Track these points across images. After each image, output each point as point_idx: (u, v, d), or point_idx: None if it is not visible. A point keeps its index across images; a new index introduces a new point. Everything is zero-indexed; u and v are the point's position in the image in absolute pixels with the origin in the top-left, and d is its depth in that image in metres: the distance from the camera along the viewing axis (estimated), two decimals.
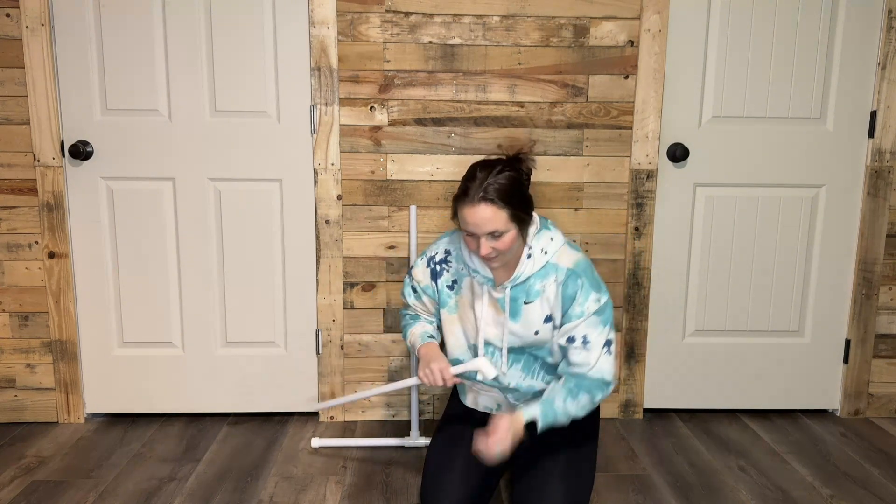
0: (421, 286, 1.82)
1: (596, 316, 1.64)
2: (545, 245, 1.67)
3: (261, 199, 2.30)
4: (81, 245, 2.30)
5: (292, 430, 2.34)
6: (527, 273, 1.66)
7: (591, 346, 1.63)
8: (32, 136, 2.20)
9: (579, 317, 1.63)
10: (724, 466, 2.12)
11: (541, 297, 1.67)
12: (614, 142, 2.29)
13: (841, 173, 2.37)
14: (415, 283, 1.83)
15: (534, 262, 1.66)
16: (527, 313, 1.68)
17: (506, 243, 1.60)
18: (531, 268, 1.66)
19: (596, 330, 1.64)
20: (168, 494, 1.92)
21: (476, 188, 1.57)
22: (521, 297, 1.68)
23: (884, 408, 2.50)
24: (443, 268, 1.78)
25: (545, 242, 1.67)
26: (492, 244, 1.59)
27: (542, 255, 1.66)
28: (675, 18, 2.25)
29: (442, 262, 1.78)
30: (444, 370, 1.69)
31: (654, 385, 2.48)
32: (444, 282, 1.78)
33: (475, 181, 1.59)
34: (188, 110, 2.24)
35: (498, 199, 1.56)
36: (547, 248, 1.67)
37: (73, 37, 2.18)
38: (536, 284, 1.67)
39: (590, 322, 1.63)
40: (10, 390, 2.36)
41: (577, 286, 1.64)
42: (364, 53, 2.21)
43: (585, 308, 1.63)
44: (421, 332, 1.83)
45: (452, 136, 2.26)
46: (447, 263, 1.78)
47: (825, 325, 2.46)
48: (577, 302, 1.64)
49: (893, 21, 2.27)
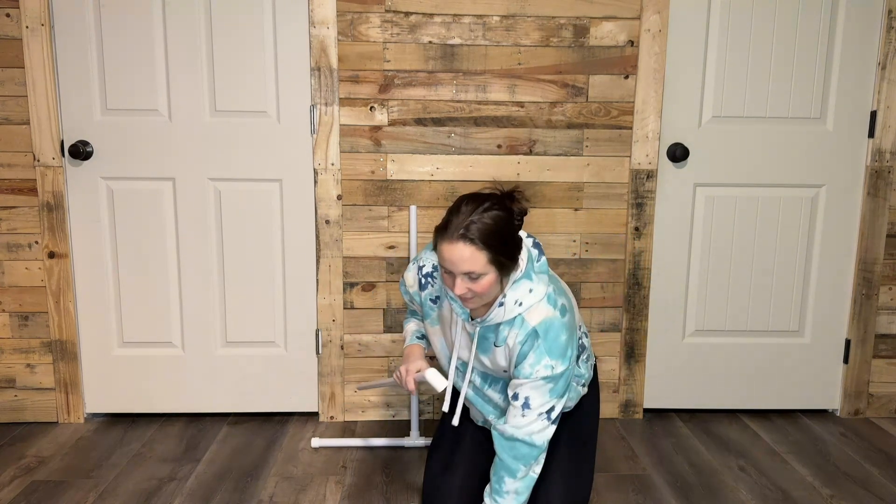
0: (410, 292, 1.77)
1: (544, 381, 1.54)
2: (521, 297, 1.54)
3: (261, 199, 2.30)
4: (81, 245, 2.30)
5: (292, 430, 2.34)
6: (496, 320, 1.56)
7: (529, 412, 1.55)
8: (32, 136, 2.20)
9: (526, 377, 1.54)
10: (724, 466, 2.12)
11: (505, 344, 1.58)
12: (614, 142, 2.29)
13: (841, 173, 2.37)
14: (406, 286, 1.79)
15: (504, 312, 1.55)
16: (495, 354, 1.61)
17: (483, 286, 1.48)
18: (500, 316, 1.55)
19: (541, 397, 1.55)
20: (168, 494, 1.92)
21: (457, 224, 1.46)
22: (491, 338, 1.60)
23: (884, 408, 2.50)
24: (428, 281, 1.70)
25: (522, 293, 1.54)
26: (468, 285, 1.48)
27: (514, 307, 1.54)
28: (675, 18, 2.26)
29: (429, 275, 1.71)
30: (408, 377, 1.67)
31: (654, 385, 2.48)
32: (428, 295, 1.71)
33: (458, 216, 1.48)
34: (188, 110, 2.24)
35: (479, 240, 1.44)
36: (522, 301, 1.54)
37: (73, 37, 2.18)
38: (504, 331, 1.57)
39: (535, 385, 1.54)
40: (10, 390, 2.36)
41: (531, 347, 1.54)
42: (364, 53, 2.21)
43: (534, 371, 1.53)
44: (413, 330, 1.82)
45: (452, 136, 2.26)
46: (433, 278, 1.70)
47: (825, 325, 2.46)
48: (527, 361, 1.54)
49: (893, 21, 2.27)
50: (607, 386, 2.44)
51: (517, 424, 1.56)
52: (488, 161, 2.27)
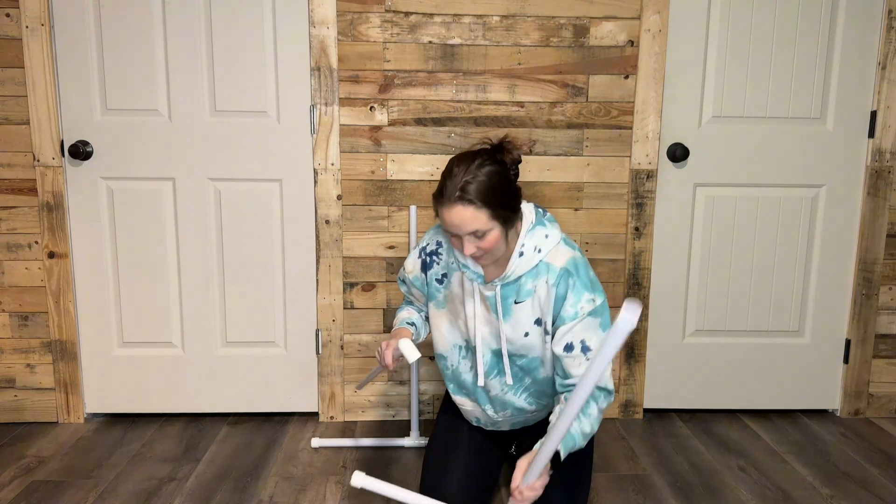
0: (410, 277, 1.74)
1: (591, 317, 1.51)
2: (539, 243, 1.55)
3: (261, 199, 2.30)
4: (81, 245, 2.30)
5: (292, 430, 2.34)
6: (518, 272, 1.55)
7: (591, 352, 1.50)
8: (32, 136, 2.20)
9: (573, 318, 1.51)
10: (724, 466, 2.12)
11: (532, 297, 1.56)
12: (614, 142, 2.29)
13: (841, 173, 2.37)
14: (405, 274, 1.76)
15: (526, 261, 1.54)
16: (517, 313, 1.58)
17: (490, 242, 1.49)
18: (523, 266, 1.55)
19: (594, 334, 1.51)
20: (168, 494, 1.92)
21: (453, 187, 1.46)
22: (512, 297, 1.57)
23: (884, 408, 2.50)
24: (433, 260, 1.68)
25: (539, 240, 1.56)
26: (476, 244, 1.49)
27: (534, 254, 1.55)
28: (675, 18, 2.26)
29: (433, 253, 1.68)
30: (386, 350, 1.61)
31: (654, 385, 2.48)
32: (434, 274, 1.68)
33: (452, 178, 1.47)
34: (188, 110, 2.24)
35: (477, 199, 1.45)
36: (541, 247, 1.55)
37: (73, 37, 2.18)
38: (528, 284, 1.56)
39: (586, 324, 1.51)
40: (10, 390, 2.36)
41: (567, 286, 1.52)
42: (364, 53, 2.21)
43: (579, 308, 1.51)
44: (404, 318, 1.78)
45: (452, 136, 2.26)
46: (437, 255, 1.68)
47: (825, 325, 2.46)
48: (568, 302, 1.52)
49: (893, 21, 2.27)
50: None
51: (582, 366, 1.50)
52: None
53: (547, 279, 1.55)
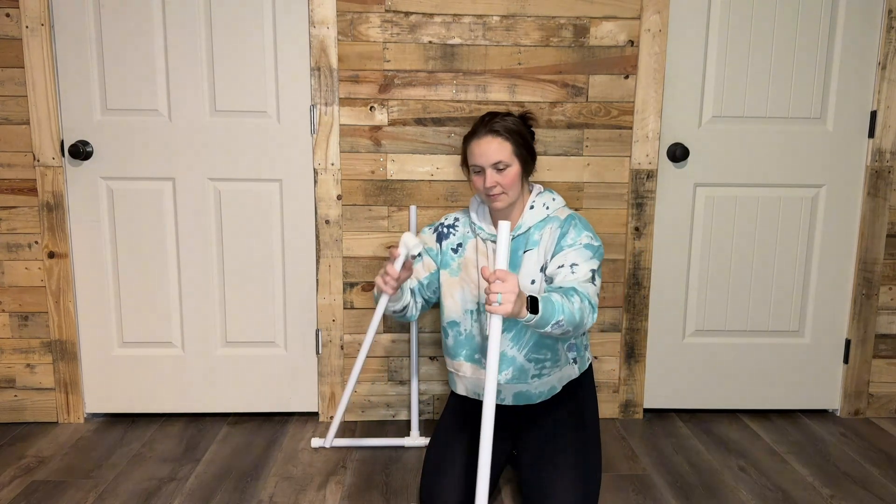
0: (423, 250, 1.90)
1: (586, 249, 1.70)
2: (547, 202, 1.80)
3: (261, 199, 2.30)
4: (81, 245, 2.30)
5: (292, 430, 2.34)
6: (528, 223, 1.76)
7: (578, 268, 1.67)
8: (32, 136, 2.20)
9: (570, 246, 1.71)
10: (724, 466, 2.12)
11: (538, 245, 1.75)
12: (614, 142, 2.29)
13: (841, 173, 2.37)
14: None
15: (535, 214, 1.77)
16: (525, 262, 1.75)
17: (509, 177, 1.72)
18: (532, 218, 1.77)
19: (584, 259, 1.68)
20: (168, 494, 1.92)
21: (484, 125, 1.75)
22: (521, 248, 1.76)
23: (884, 408, 2.50)
24: (450, 231, 1.89)
25: (547, 200, 1.81)
26: (496, 178, 1.71)
27: (542, 209, 1.78)
28: (675, 18, 2.25)
29: (450, 226, 1.90)
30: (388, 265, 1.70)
31: (654, 385, 2.48)
32: (450, 244, 1.88)
33: (483, 121, 1.76)
34: (188, 110, 2.24)
35: (503, 132, 1.72)
36: (549, 204, 1.80)
37: (73, 37, 2.18)
38: (535, 234, 1.77)
39: (578, 251, 1.69)
40: (10, 390, 2.36)
41: (570, 226, 1.74)
42: (364, 53, 2.21)
43: (577, 241, 1.71)
44: None
45: (452, 135, 2.26)
46: (454, 228, 1.89)
47: (825, 325, 2.46)
48: (569, 235, 1.73)
49: (893, 21, 2.27)
50: (607, 386, 2.44)
51: (568, 279, 1.66)
52: None
53: (552, 227, 1.76)
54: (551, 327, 1.53)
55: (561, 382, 1.84)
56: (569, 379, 1.84)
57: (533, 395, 1.82)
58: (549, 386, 1.82)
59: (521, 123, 1.79)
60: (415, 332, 2.25)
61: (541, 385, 1.81)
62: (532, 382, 1.80)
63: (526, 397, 1.82)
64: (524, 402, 1.82)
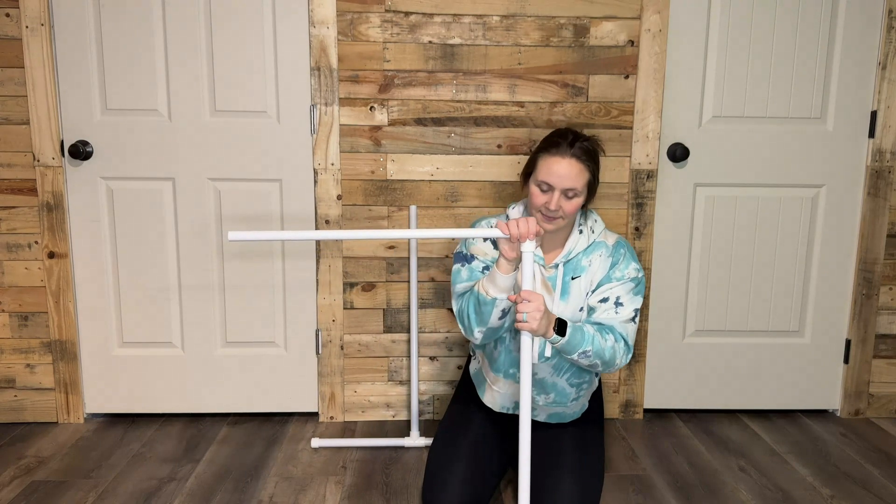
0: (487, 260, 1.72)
1: (632, 283, 1.69)
2: (593, 225, 1.77)
3: (261, 199, 2.30)
4: (81, 245, 2.30)
5: (292, 430, 2.34)
6: (578, 249, 1.71)
7: (623, 308, 1.66)
8: (32, 136, 2.20)
9: (618, 280, 1.68)
10: (724, 466, 2.11)
11: (587, 271, 1.72)
12: (614, 142, 2.29)
13: (841, 173, 2.37)
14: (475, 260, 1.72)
15: (584, 239, 1.73)
16: (573, 290, 1.72)
17: (572, 207, 1.63)
18: (581, 244, 1.72)
19: (630, 297, 1.68)
20: (168, 494, 1.91)
21: (568, 143, 1.62)
22: (570, 274, 1.72)
23: (884, 408, 2.50)
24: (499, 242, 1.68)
25: (592, 223, 1.77)
26: (562, 203, 1.62)
27: (589, 233, 1.74)
28: (675, 18, 2.25)
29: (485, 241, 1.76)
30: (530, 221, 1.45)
31: (654, 385, 2.48)
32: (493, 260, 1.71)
33: (566, 138, 1.63)
34: (188, 110, 2.24)
35: (586, 160, 1.62)
36: (594, 228, 1.76)
37: (73, 37, 2.18)
38: (583, 260, 1.72)
39: (626, 287, 1.68)
40: (10, 390, 2.36)
41: (620, 255, 1.72)
42: (364, 53, 2.21)
43: (625, 274, 1.69)
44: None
45: (452, 136, 2.26)
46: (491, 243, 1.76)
47: (825, 325, 2.46)
48: (618, 267, 1.70)
49: (893, 21, 2.27)
50: (607, 386, 2.44)
51: (611, 318, 1.65)
52: (488, 161, 2.27)
53: (601, 253, 1.73)
54: (578, 356, 1.57)
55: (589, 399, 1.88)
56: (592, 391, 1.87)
57: (567, 415, 1.85)
58: (581, 405, 1.86)
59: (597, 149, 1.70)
60: (415, 332, 2.25)
61: (575, 406, 1.84)
62: (570, 405, 1.83)
63: (560, 416, 1.85)
64: (557, 420, 1.85)
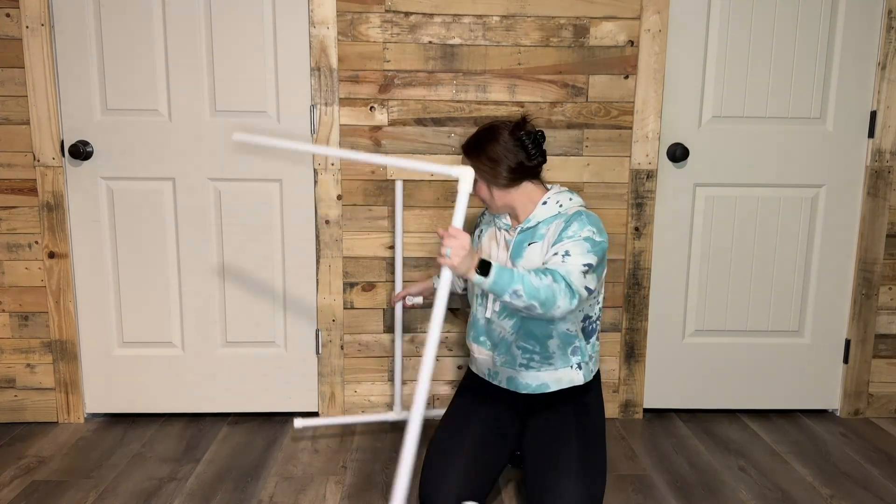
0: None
1: (585, 241, 1.67)
2: (563, 201, 1.79)
3: (261, 199, 2.30)
4: (81, 245, 2.30)
5: (292, 430, 2.34)
6: (537, 218, 1.77)
7: (570, 258, 1.64)
8: (32, 136, 2.20)
9: (569, 238, 1.68)
10: (724, 466, 2.12)
11: (543, 239, 1.75)
12: (614, 142, 2.29)
13: (841, 173, 2.37)
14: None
15: (546, 209, 1.78)
16: (528, 254, 1.76)
17: (478, 191, 1.82)
18: (542, 213, 1.77)
19: (580, 250, 1.65)
20: (168, 494, 1.92)
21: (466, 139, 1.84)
22: (528, 241, 1.78)
23: (884, 408, 2.50)
24: (481, 220, 2.00)
25: (564, 199, 1.80)
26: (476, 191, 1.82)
27: (555, 206, 1.78)
28: (675, 18, 2.26)
29: (482, 213, 2.01)
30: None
31: (654, 385, 2.48)
32: (479, 230, 1.99)
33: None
34: (188, 110, 2.24)
35: (464, 152, 1.82)
36: (563, 203, 1.79)
37: (73, 37, 2.18)
38: (542, 228, 1.77)
39: (576, 242, 1.67)
40: (10, 390, 2.36)
41: (574, 220, 1.71)
42: (364, 53, 2.21)
43: (578, 233, 1.68)
44: None
45: (452, 136, 2.26)
46: (484, 216, 1.99)
47: (825, 325, 2.46)
48: (571, 228, 1.70)
49: (893, 21, 2.27)
50: (607, 386, 2.44)
51: (557, 264, 1.65)
52: None
53: (560, 222, 1.75)
54: (510, 296, 1.54)
55: (558, 384, 1.83)
56: (570, 384, 1.83)
57: (521, 384, 1.85)
58: (539, 381, 1.83)
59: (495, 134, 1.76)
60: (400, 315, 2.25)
61: (529, 378, 1.83)
62: (520, 371, 1.84)
63: (515, 384, 1.86)
64: (514, 388, 1.87)
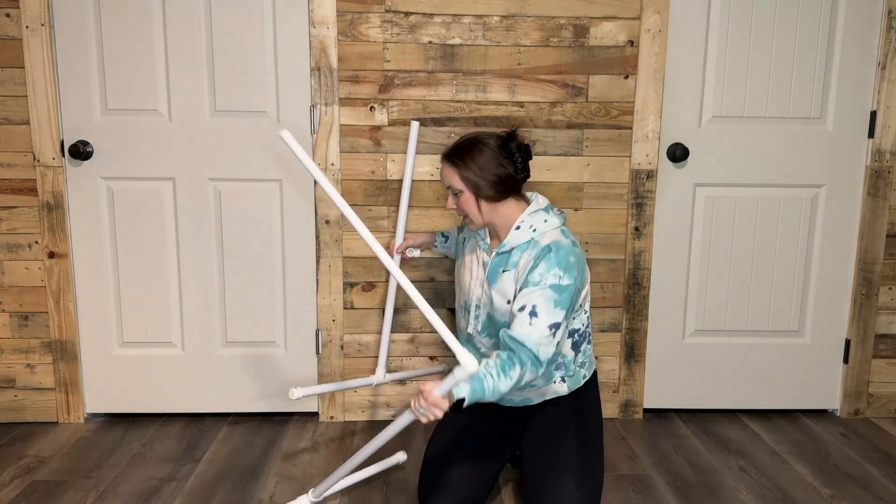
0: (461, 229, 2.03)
1: (551, 290, 1.61)
2: (537, 224, 1.71)
3: (261, 199, 2.30)
4: (81, 245, 2.30)
5: (292, 430, 2.34)
6: (511, 243, 1.71)
7: (538, 321, 1.59)
8: (32, 136, 2.20)
9: (535, 284, 1.62)
10: (724, 466, 2.12)
11: (515, 268, 1.70)
12: (614, 142, 2.29)
13: (841, 173, 2.37)
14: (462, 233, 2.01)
15: (520, 235, 1.70)
16: (502, 282, 1.73)
17: (462, 203, 1.73)
18: (516, 239, 1.70)
19: (548, 307, 1.59)
20: (168, 494, 1.92)
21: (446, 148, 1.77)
22: (502, 266, 1.73)
23: (884, 408, 2.50)
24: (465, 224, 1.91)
25: (538, 222, 1.71)
26: (454, 201, 1.75)
27: (529, 231, 1.70)
28: (675, 18, 2.26)
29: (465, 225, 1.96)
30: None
31: (654, 385, 2.48)
32: (463, 236, 1.96)
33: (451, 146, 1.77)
34: (188, 110, 2.24)
35: (454, 157, 1.71)
36: (537, 227, 1.70)
37: (73, 37, 2.18)
38: (515, 256, 1.71)
39: (543, 293, 1.60)
40: (10, 390, 2.36)
41: (542, 258, 1.64)
42: (364, 53, 2.21)
43: (543, 279, 1.61)
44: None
45: (452, 136, 2.26)
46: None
47: (825, 325, 2.46)
48: (537, 270, 1.63)
49: (893, 21, 2.27)
50: (607, 386, 2.44)
51: (525, 333, 1.59)
52: None
53: (531, 253, 1.68)
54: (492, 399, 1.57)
55: (542, 397, 1.83)
56: (554, 395, 1.83)
57: (505, 399, 1.85)
58: (522, 396, 1.84)
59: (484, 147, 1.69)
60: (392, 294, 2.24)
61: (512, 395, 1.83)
62: None
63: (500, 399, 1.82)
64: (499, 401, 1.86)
